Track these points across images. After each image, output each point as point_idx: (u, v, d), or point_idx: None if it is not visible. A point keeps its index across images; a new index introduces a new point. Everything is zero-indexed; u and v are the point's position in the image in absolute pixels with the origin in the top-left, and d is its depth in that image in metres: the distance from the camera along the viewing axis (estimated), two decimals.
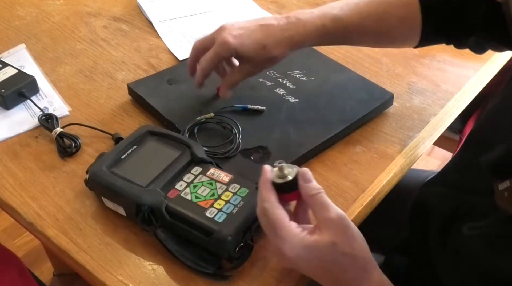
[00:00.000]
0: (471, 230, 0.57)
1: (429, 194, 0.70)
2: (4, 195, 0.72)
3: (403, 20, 0.76)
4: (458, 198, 0.63)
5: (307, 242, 0.55)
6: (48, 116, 0.81)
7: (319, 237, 0.55)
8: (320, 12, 0.75)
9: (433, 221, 0.65)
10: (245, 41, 0.73)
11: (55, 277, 1.53)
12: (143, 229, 0.66)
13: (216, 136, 0.77)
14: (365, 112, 0.83)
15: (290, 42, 0.74)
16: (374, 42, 0.82)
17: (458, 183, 0.65)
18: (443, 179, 0.71)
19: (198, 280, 0.63)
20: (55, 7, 1.08)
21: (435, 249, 0.64)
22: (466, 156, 0.70)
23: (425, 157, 1.94)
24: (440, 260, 0.63)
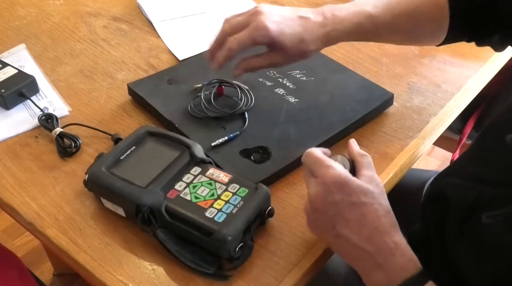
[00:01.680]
0: (490, 218, 0.58)
1: (446, 185, 0.69)
2: (4, 195, 0.72)
3: (433, 19, 0.76)
4: (476, 188, 0.63)
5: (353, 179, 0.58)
6: (48, 116, 0.81)
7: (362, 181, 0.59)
8: (355, 8, 0.74)
9: (451, 212, 0.65)
10: (286, 31, 0.71)
11: (55, 277, 1.53)
12: (142, 229, 0.66)
13: None
14: (365, 112, 0.83)
15: (327, 38, 0.74)
16: (402, 40, 0.81)
17: (475, 174, 0.65)
18: (458, 170, 0.71)
19: (198, 280, 0.63)
20: (55, 7, 1.08)
21: (453, 239, 0.64)
22: (484, 146, 0.70)
23: (425, 157, 1.94)
24: (458, 251, 0.63)
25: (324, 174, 0.58)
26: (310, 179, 0.59)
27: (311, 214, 0.60)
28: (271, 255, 0.66)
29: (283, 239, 0.67)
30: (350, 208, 0.56)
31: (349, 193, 0.56)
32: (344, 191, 0.56)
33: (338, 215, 0.57)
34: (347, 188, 0.56)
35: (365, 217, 0.56)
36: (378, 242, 0.56)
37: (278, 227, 0.68)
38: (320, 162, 0.59)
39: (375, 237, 0.56)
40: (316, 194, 0.58)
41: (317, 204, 0.58)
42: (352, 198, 0.56)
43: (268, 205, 0.67)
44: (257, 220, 0.66)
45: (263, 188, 0.66)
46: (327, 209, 0.57)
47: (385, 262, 0.56)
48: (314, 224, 0.61)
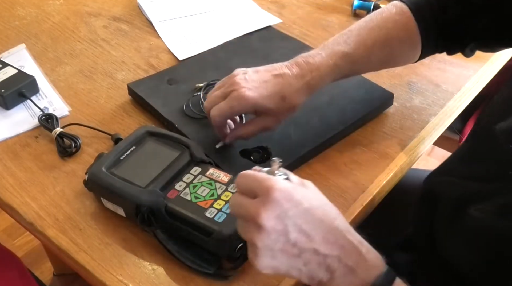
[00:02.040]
0: (478, 210, 0.58)
1: (436, 183, 0.71)
2: (4, 195, 0.72)
3: (404, 42, 0.77)
4: (465, 185, 0.64)
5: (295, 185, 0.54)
6: (48, 116, 0.81)
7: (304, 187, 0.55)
8: (328, 51, 0.74)
9: (440, 207, 0.66)
10: (264, 94, 0.71)
11: (55, 277, 1.53)
12: (142, 229, 0.66)
13: None
14: (365, 112, 0.83)
15: (308, 88, 0.73)
16: (379, 66, 0.82)
17: (464, 172, 0.67)
18: (448, 169, 0.72)
19: (198, 280, 0.63)
20: (55, 7, 1.08)
21: (443, 234, 0.65)
22: (472, 144, 0.71)
23: (425, 157, 1.94)
24: (448, 245, 0.64)
25: (266, 189, 0.51)
26: (248, 201, 0.52)
27: (263, 242, 0.51)
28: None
29: None
30: (305, 217, 0.51)
31: (298, 201, 0.51)
32: (293, 200, 0.51)
33: (296, 229, 0.51)
34: (295, 196, 0.52)
35: (322, 221, 0.52)
36: (344, 243, 0.52)
37: None
38: (259, 179, 0.52)
39: (339, 238, 0.52)
40: (265, 214, 0.50)
41: (269, 224, 0.50)
42: (303, 205, 0.52)
43: None
44: None
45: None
46: (282, 226, 0.50)
47: (355, 263, 0.52)
48: (270, 253, 0.51)
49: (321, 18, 1.08)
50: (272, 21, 1.06)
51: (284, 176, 0.55)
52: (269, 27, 1.03)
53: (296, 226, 0.51)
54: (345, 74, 0.76)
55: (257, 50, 0.96)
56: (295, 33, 1.03)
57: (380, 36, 0.75)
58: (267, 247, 0.51)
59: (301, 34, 1.03)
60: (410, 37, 0.77)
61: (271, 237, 0.51)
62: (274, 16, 1.07)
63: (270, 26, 1.03)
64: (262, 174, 0.53)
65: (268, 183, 0.51)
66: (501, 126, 0.59)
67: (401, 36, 0.76)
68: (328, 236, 0.52)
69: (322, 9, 1.11)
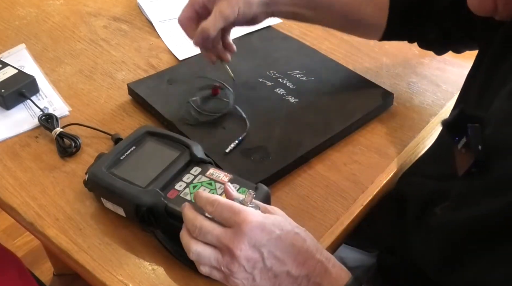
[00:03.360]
0: (442, 209, 0.60)
1: (405, 185, 0.72)
2: (4, 195, 0.72)
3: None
4: (432, 184, 0.66)
5: (265, 215, 0.56)
6: (48, 116, 0.81)
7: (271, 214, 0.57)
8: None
9: (408, 208, 0.67)
10: None
11: (55, 277, 1.53)
12: (142, 229, 0.66)
13: None
14: (365, 112, 0.83)
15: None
16: (343, 15, 0.82)
17: (431, 171, 0.68)
18: (417, 169, 0.74)
19: (198, 280, 0.63)
20: (55, 7, 1.08)
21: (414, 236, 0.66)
22: (436, 145, 0.73)
23: None
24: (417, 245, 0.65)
25: (241, 221, 0.54)
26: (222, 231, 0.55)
27: (239, 270, 0.54)
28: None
29: None
30: (278, 243, 0.55)
31: (271, 230, 0.55)
32: (266, 230, 0.54)
33: (271, 256, 0.54)
34: (267, 226, 0.55)
35: (294, 245, 0.55)
36: (313, 263, 0.56)
37: None
38: (231, 208, 0.55)
39: (308, 259, 0.56)
40: (242, 245, 0.53)
41: (245, 254, 0.54)
42: (276, 232, 0.55)
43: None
44: None
45: (263, 188, 0.66)
46: (258, 254, 0.54)
47: (321, 279, 0.56)
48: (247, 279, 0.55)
49: None
50: (272, 21, 1.05)
51: (256, 207, 0.58)
52: (269, 27, 1.03)
53: (271, 252, 0.54)
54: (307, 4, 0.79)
55: (257, 50, 0.96)
56: (295, 33, 1.03)
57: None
58: (244, 274, 0.55)
59: (301, 34, 1.03)
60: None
61: (248, 265, 0.54)
62: None
63: (270, 26, 1.03)
64: (235, 205, 0.55)
65: (242, 215, 0.54)
66: (444, 122, 0.60)
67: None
68: (299, 258, 0.55)
69: None
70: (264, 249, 0.54)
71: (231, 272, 0.55)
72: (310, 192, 0.74)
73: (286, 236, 0.55)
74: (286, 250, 0.55)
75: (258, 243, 0.54)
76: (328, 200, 0.72)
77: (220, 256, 0.55)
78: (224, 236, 0.54)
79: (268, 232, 0.54)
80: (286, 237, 0.55)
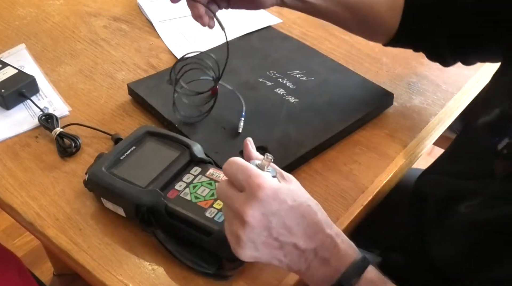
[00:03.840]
0: (468, 208, 0.59)
1: (424, 184, 0.71)
2: (4, 195, 0.72)
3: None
4: (452, 183, 0.65)
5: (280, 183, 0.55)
6: (48, 116, 0.81)
7: (287, 183, 0.56)
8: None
9: (429, 207, 0.67)
10: None
11: (55, 277, 1.53)
12: (142, 229, 0.66)
13: None
14: (365, 112, 0.83)
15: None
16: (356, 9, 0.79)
17: (452, 170, 0.67)
18: (437, 168, 0.73)
19: (198, 280, 0.63)
20: (55, 7, 1.08)
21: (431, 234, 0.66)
22: (460, 143, 0.72)
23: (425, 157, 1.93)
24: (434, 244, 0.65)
25: (255, 186, 0.52)
26: (235, 195, 0.54)
27: (247, 235, 0.53)
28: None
29: None
30: (289, 214, 0.54)
31: (284, 199, 0.53)
32: (279, 199, 0.53)
33: (279, 225, 0.53)
34: (281, 195, 0.53)
35: (305, 217, 0.54)
36: (322, 236, 0.55)
37: None
38: (247, 171, 0.53)
39: (318, 233, 0.55)
40: (252, 211, 0.52)
41: (254, 221, 0.52)
42: (288, 203, 0.53)
43: None
44: None
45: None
46: (266, 222, 0.53)
47: (330, 254, 0.55)
48: (252, 245, 0.54)
49: None
50: (272, 21, 1.06)
51: (272, 172, 0.56)
52: (269, 27, 1.03)
53: (280, 222, 0.53)
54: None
55: (257, 50, 0.96)
56: (295, 33, 1.03)
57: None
58: (250, 240, 0.53)
59: (301, 34, 1.03)
60: None
61: (255, 231, 0.53)
62: (274, 16, 1.07)
63: (270, 26, 1.03)
64: (252, 168, 0.54)
65: (257, 180, 0.52)
66: (483, 120, 0.59)
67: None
68: (308, 230, 0.54)
69: None
70: (273, 218, 0.53)
71: (238, 238, 0.53)
72: (310, 192, 0.72)
73: (298, 207, 0.54)
74: (296, 221, 0.54)
75: (268, 211, 0.53)
76: (328, 200, 0.72)
77: (233, 220, 0.54)
78: (237, 200, 0.53)
79: (280, 201, 0.53)
80: (298, 208, 0.54)
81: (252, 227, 0.52)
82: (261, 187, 0.52)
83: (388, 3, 0.78)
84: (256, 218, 0.52)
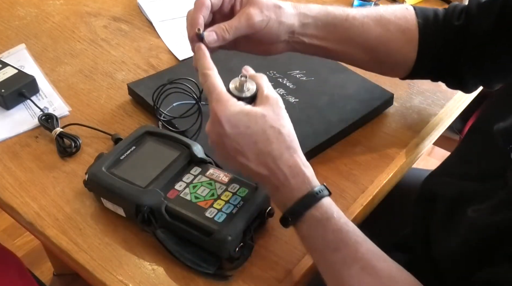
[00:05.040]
0: (475, 212, 0.59)
1: (433, 185, 0.71)
2: (4, 195, 0.72)
3: (402, 29, 0.75)
4: (462, 185, 0.64)
5: (240, 108, 0.59)
6: (48, 116, 0.81)
7: (252, 108, 0.60)
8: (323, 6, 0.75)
9: (437, 208, 0.66)
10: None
11: (55, 277, 1.53)
12: (142, 229, 0.66)
13: None
14: (365, 112, 0.83)
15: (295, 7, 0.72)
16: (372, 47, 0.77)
17: (462, 172, 0.67)
18: (446, 170, 0.73)
19: (198, 280, 0.63)
20: (55, 7, 1.08)
21: (438, 234, 0.65)
22: (469, 145, 0.72)
23: (425, 157, 1.94)
24: (442, 243, 0.64)
25: (213, 110, 0.59)
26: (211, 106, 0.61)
27: (210, 143, 0.62)
28: (271, 255, 0.66)
29: (283, 239, 0.67)
30: (239, 138, 0.59)
31: (235, 124, 0.58)
32: (230, 123, 0.58)
33: (232, 146, 0.59)
34: (232, 121, 0.58)
35: (256, 144, 0.59)
36: (272, 167, 0.59)
37: (278, 227, 0.68)
38: (214, 94, 0.60)
39: (269, 162, 0.59)
40: (208, 126, 0.60)
41: (211, 136, 0.60)
42: (239, 129, 0.58)
43: (268, 205, 0.67)
44: (257, 220, 0.66)
45: (263, 188, 0.66)
46: (220, 141, 0.59)
47: (280, 184, 0.59)
48: (218, 152, 0.62)
49: None
50: None
51: (247, 93, 0.61)
52: None
53: (232, 143, 0.59)
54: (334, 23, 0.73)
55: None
56: None
57: (377, 13, 0.76)
58: (215, 147, 0.61)
59: None
60: (408, 29, 0.75)
61: (214, 144, 0.61)
62: None
63: None
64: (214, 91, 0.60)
65: (214, 104, 0.59)
66: (500, 126, 0.59)
67: (399, 23, 0.75)
68: (260, 157, 0.59)
69: None
70: (226, 139, 0.59)
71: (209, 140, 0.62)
72: None
73: (251, 134, 0.59)
74: (248, 147, 0.59)
75: (220, 132, 0.59)
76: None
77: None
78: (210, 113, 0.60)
79: (231, 125, 0.58)
80: (250, 135, 0.59)
81: (211, 139, 0.61)
82: (217, 111, 0.58)
83: (403, 38, 0.76)
84: (212, 134, 0.60)
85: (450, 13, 0.76)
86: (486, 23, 0.72)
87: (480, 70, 0.76)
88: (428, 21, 0.75)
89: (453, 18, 0.75)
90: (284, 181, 0.59)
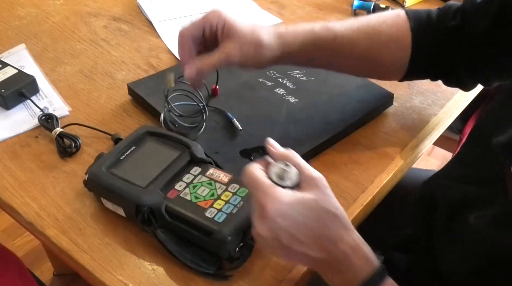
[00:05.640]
0: (477, 218, 0.59)
1: (434, 188, 0.71)
2: (4, 195, 0.72)
3: (393, 38, 0.75)
4: (463, 189, 0.64)
5: (291, 199, 0.55)
6: (48, 116, 0.81)
7: (302, 194, 0.56)
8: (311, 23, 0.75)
9: (438, 212, 0.66)
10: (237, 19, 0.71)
11: (55, 277, 1.53)
12: (142, 229, 0.66)
13: None
14: (365, 112, 0.83)
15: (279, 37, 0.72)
16: (363, 60, 0.77)
17: (463, 176, 0.67)
18: (447, 173, 0.73)
19: (198, 280, 0.63)
20: (55, 7, 1.08)
21: (440, 240, 0.65)
22: (470, 149, 0.72)
23: (425, 157, 1.94)
24: (444, 251, 0.64)
25: (262, 204, 0.54)
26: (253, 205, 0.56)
27: (259, 243, 0.57)
28: (271, 255, 0.66)
29: None
30: (297, 228, 0.55)
31: (291, 215, 0.54)
32: (285, 215, 0.54)
33: (288, 237, 0.55)
34: (287, 211, 0.54)
35: (313, 230, 0.55)
36: (333, 251, 0.56)
37: None
38: (257, 187, 0.55)
39: (329, 246, 0.55)
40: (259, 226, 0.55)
41: (262, 233, 0.55)
42: (295, 219, 0.54)
43: None
44: None
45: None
46: (274, 235, 0.55)
47: (342, 267, 0.56)
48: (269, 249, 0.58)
49: (321, 18, 1.08)
50: (272, 21, 1.06)
51: (291, 180, 0.56)
52: None
53: (288, 235, 0.55)
54: (324, 48, 0.74)
55: None
56: None
57: (369, 24, 0.75)
58: (265, 245, 0.57)
59: None
60: (400, 35, 0.75)
61: (265, 242, 0.56)
62: (274, 16, 1.07)
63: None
64: (261, 184, 0.55)
65: (263, 198, 0.54)
66: (499, 140, 0.59)
67: (390, 32, 0.75)
68: (319, 242, 0.55)
69: (322, 9, 1.11)
70: (280, 231, 0.54)
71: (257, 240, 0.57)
72: None
73: (306, 222, 0.55)
74: (305, 234, 0.55)
75: (274, 226, 0.54)
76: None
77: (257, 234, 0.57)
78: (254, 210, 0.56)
79: (287, 217, 0.54)
80: (307, 224, 0.55)
81: (262, 238, 0.55)
82: (266, 206, 0.54)
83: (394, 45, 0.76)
84: (263, 232, 0.55)
85: (444, 13, 0.76)
86: (483, 23, 0.72)
87: (477, 70, 0.76)
88: (421, 24, 0.75)
89: (447, 18, 0.75)
90: (346, 263, 0.56)
